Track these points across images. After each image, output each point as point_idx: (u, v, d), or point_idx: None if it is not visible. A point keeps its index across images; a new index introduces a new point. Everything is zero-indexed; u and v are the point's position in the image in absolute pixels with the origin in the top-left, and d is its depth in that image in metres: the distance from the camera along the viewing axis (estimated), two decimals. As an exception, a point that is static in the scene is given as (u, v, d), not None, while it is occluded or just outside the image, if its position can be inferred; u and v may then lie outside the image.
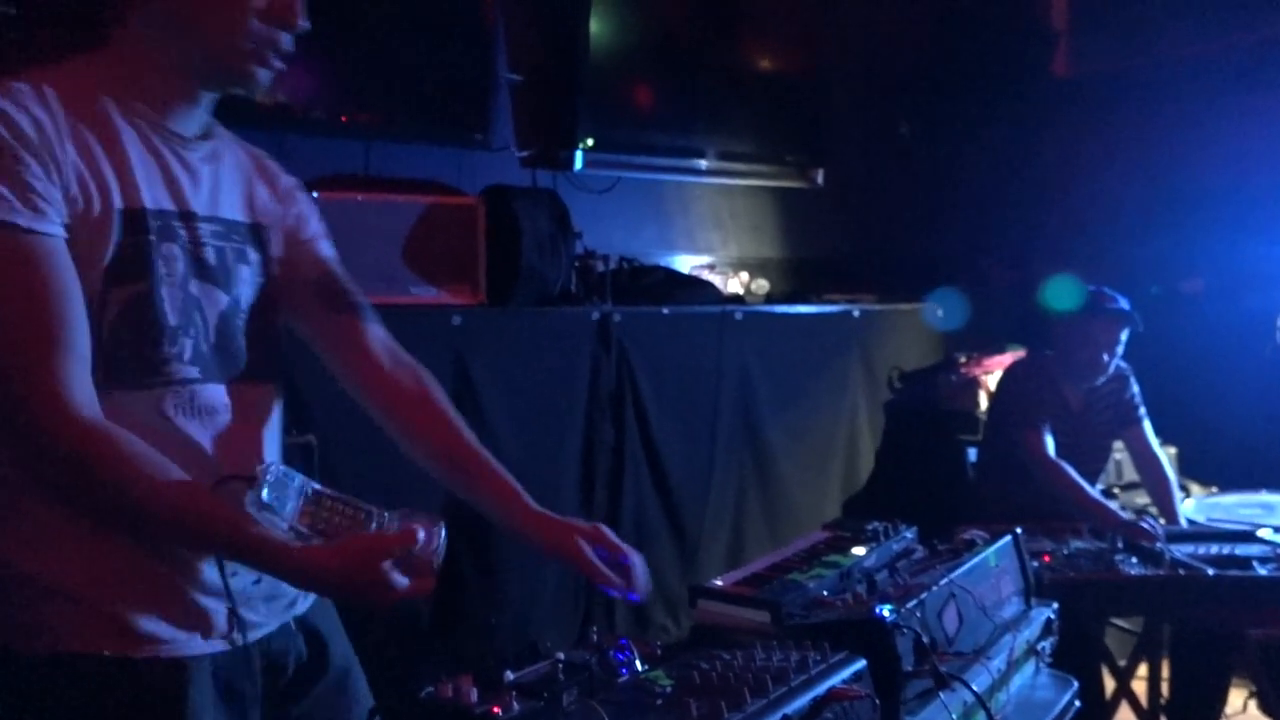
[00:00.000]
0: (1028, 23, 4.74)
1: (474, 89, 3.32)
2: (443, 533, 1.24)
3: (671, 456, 3.47)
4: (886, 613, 1.50)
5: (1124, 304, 3.07)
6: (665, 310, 3.48)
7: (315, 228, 1.50)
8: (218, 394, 1.29)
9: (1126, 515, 2.83)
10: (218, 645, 1.26)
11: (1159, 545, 2.53)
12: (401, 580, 1.17)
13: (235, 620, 1.26)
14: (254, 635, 1.30)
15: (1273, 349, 3.76)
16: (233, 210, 1.35)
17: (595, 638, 1.49)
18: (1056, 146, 4.60)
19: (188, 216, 1.28)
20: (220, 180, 1.34)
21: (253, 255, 1.37)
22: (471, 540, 2.99)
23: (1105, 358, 3.06)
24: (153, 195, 1.23)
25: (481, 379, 2.99)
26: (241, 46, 1.25)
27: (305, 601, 1.40)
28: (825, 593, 1.69)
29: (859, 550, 1.88)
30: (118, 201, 1.19)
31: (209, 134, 1.35)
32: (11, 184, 1.11)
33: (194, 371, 1.26)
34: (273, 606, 1.34)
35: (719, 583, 1.74)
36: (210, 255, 1.29)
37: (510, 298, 3.12)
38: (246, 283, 1.35)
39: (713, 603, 1.63)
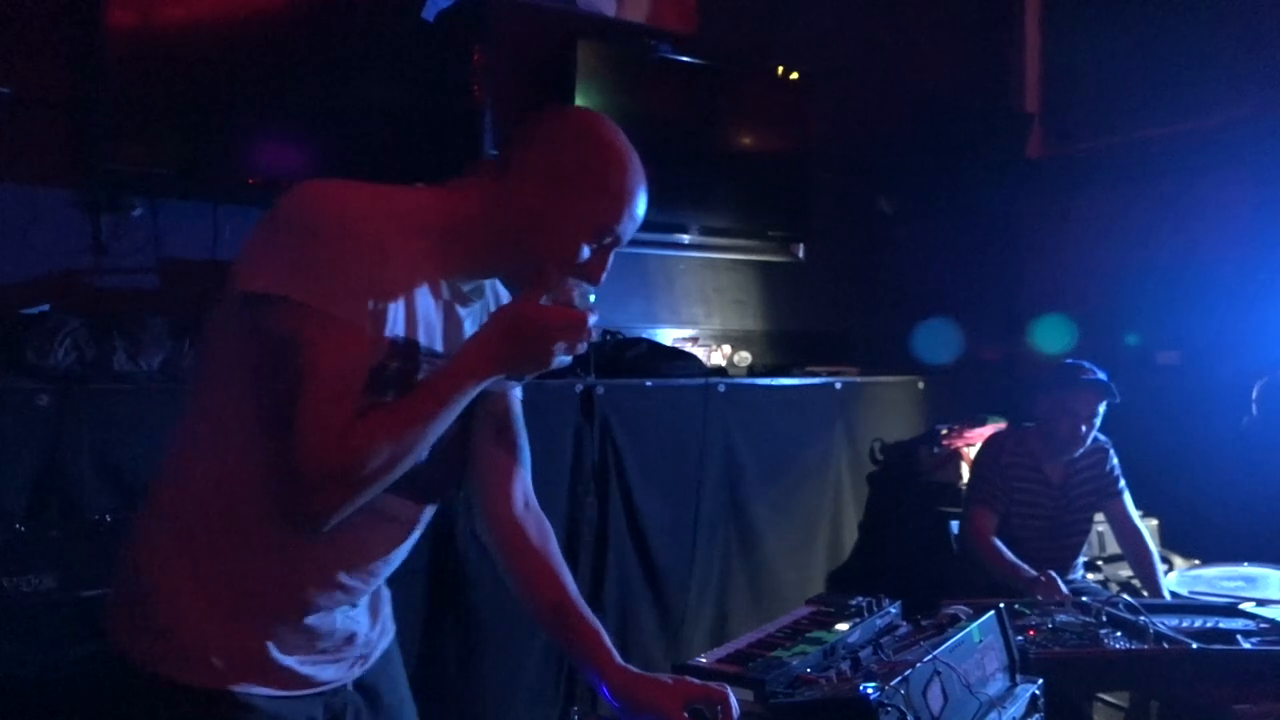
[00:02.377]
0: (1002, 106, 4.89)
1: (461, 165, 3.36)
2: (587, 289, 1.37)
3: (655, 530, 3.45)
4: (871, 691, 1.49)
5: (1101, 376, 3.10)
6: (649, 383, 3.50)
7: None
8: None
9: (1033, 573, 2.88)
10: (284, 692, 1.37)
11: (1141, 619, 2.52)
12: (561, 330, 1.29)
13: (303, 678, 1.39)
14: (318, 690, 1.41)
15: (1249, 420, 3.80)
16: None
17: (577, 718, 1.47)
18: (1031, 224, 4.71)
19: (430, 355, 1.39)
20: (468, 329, 1.46)
21: None
22: (455, 619, 2.96)
23: (1083, 429, 3.09)
24: (422, 337, 1.36)
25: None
26: (548, 276, 1.37)
27: (363, 666, 1.50)
28: (809, 670, 1.68)
29: (843, 626, 1.87)
30: (400, 329, 1.33)
31: (480, 295, 1.49)
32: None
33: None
34: (339, 668, 1.45)
35: (702, 660, 1.73)
36: None
37: (494, 371, 3.13)
38: None
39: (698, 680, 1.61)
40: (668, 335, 4.08)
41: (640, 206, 1.41)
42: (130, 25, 2.76)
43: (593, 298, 1.37)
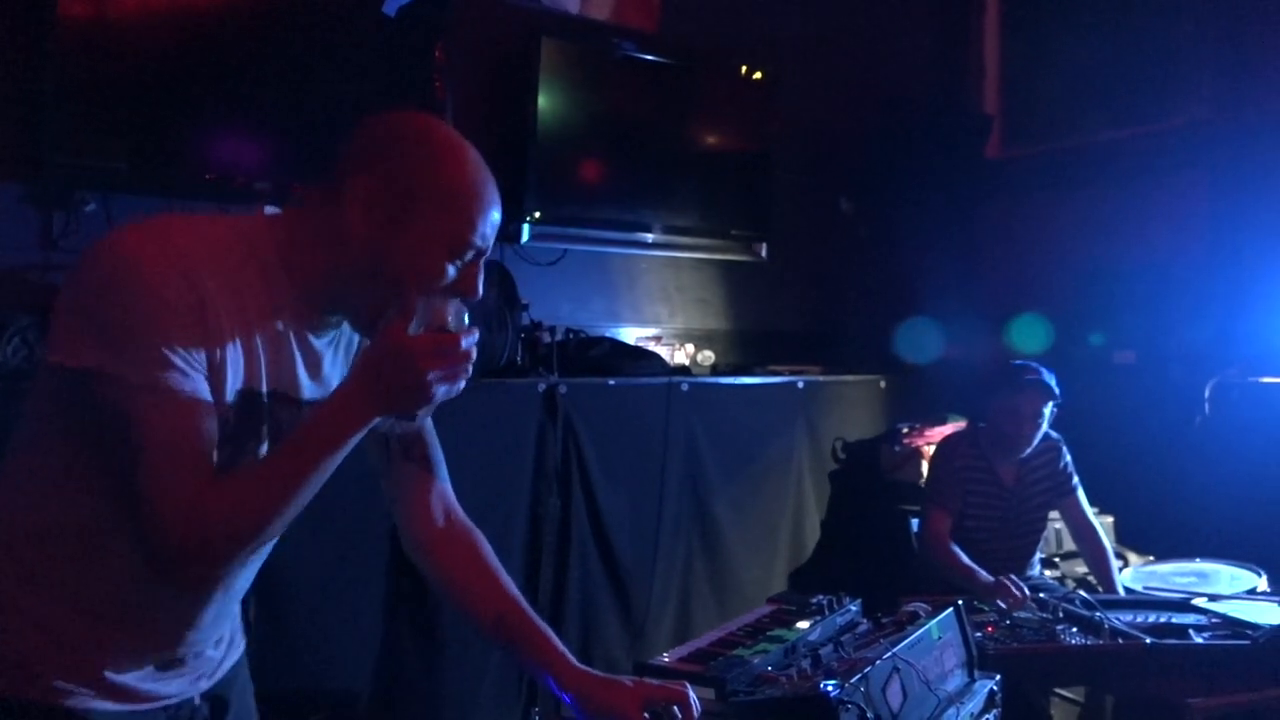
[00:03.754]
0: (962, 108, 4.94)
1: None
2: (461, 309, 1.25)
3: (618, 529, 3.44)
4: (831, 689, 1.49)
5: (1047, 378, 3.11)
6: (612, 382, 3.49)
7: None
8: None
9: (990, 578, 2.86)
10: (124, 706, 1.30)
11: (1097, 614, 2.55)
12: (431, 358, 1.18)
13: (144, 694, 1.32)
14: (161, 704, 1.35)
15: (1201, 419, 3.87)
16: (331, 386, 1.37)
17: (538, 718, 1.46)
18: (990, 224, 4.76)
19: (282, 398, 1.30)
20: (330, 367, 1.38)
21: None
22: (412, 620, 2.93)
23: (1029, 431, 3.11)
24: (267, 383, 1.28)
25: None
26: (410, 305, 1.23)
27: (210, 680, 1.43)
28: (770, 668, 1.68)
29: (804, 624, 1.88)
30: (239, 383, 1.24)
31: (332, 323, 1.36)
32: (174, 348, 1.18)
33: None
34: (183, 683, 1.38)
35: (665, 659, 1.73)
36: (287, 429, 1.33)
37: (456, 369, 3.11)
38: None
39: (657, 680, 1.61)
40: (630, 334, 4.08)
41: (494, 208, 1.29)
42: (81, 15, 2.70)
43: (466, 318, 1.25)
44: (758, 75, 4.28)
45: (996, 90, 4.94)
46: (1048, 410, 3.11)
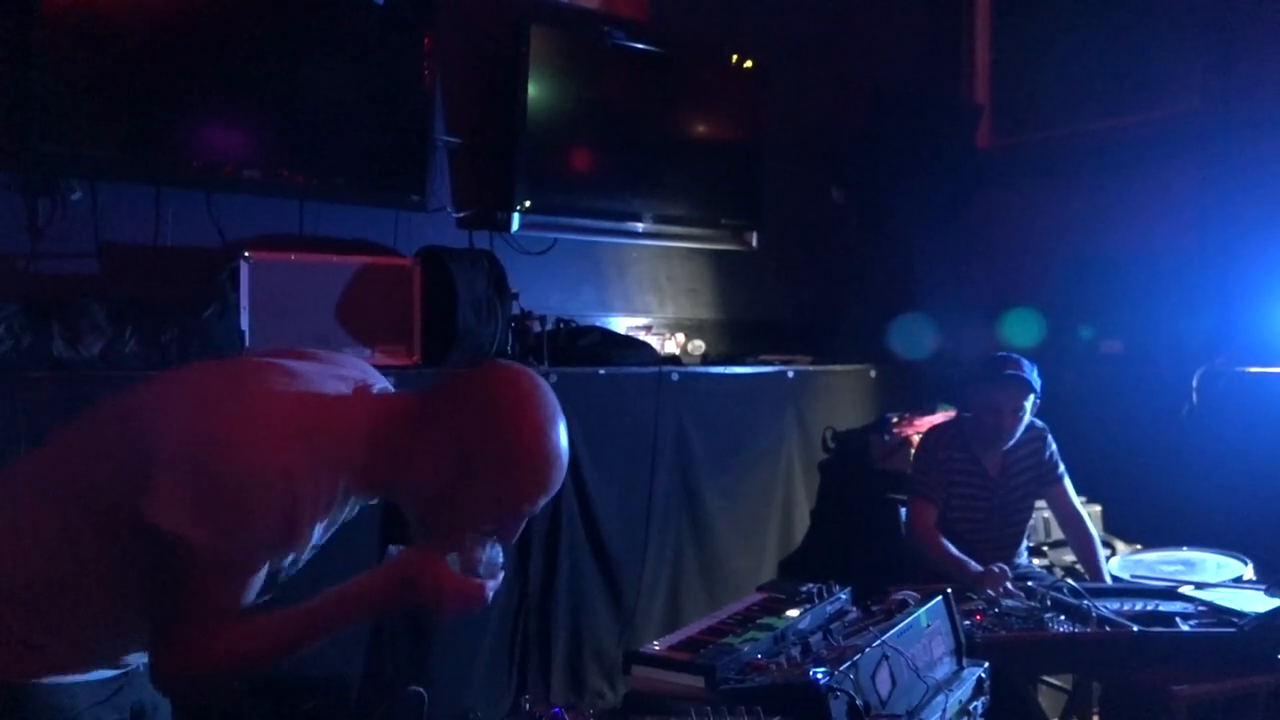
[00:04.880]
0: (953, 98, 4.93)
1: (411, 150, 3.33)
2: (496, 552, 1.41)
3: (608, 518, 3.45)
4: (820, 676, 1.50)
5: (1027, 372, 3.10)
6: (602, 371, 3.48)
7: None
8: None
9: (979, 568, 2.89)
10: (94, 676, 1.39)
11: (1085, 603, 2.57)
12: (458, 600, 1.36)
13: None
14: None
15: (1189, 408, 3.88)
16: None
17: (528, 706, 1.47)
18: (980, 214, 4.77)
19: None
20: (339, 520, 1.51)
21: None
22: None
23: (1009, 425, 3.10)
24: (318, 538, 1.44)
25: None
26: (456, 542, 1.41)
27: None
28: (760, 656, 1.69)
29: (793, 613, 1.88)
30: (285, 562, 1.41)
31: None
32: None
33: None
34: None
35: (655, 647, 1.73)
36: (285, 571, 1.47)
37: (446, 358, 3.11)
38: None
39: (647, 668, 1.62)
40: (621, 324, 4.08)
41: (558, 479, 1.43)
42: (68, 2, 2.67)
43: (500, 560, 1.40)
44: (749, 64, 4.27)
45: (987, 80, 4.94)
46: (1028, 404, 3.11)
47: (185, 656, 1.28)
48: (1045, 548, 3.61)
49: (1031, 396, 3.10)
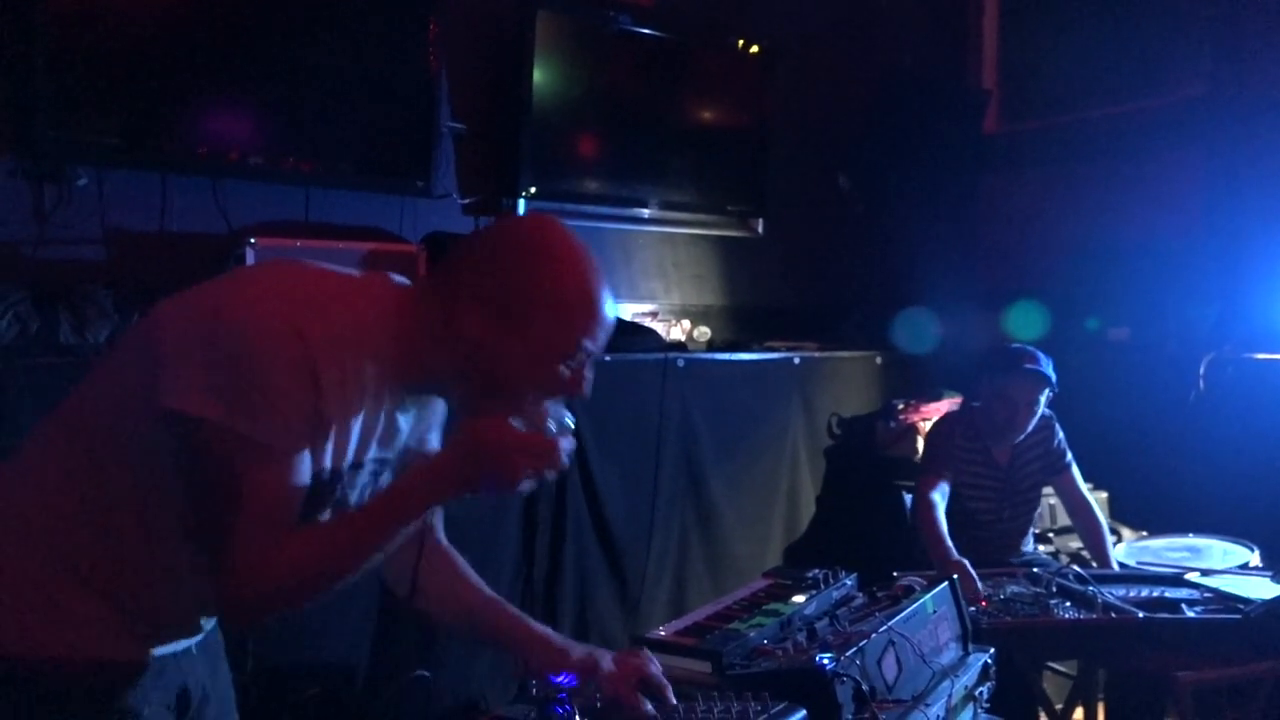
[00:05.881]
0: (960, 83, 4.91)
1: (416, 137, 3.33)
2: (561, 410, 1.30)
3: (613, 504, 3.45)
4: (826, 661, 1.50)
5: (1044, 366, 3.07)
6: (607, 358, 3.47)
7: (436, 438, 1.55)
8: None
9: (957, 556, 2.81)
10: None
11: (1090, 589, 2.56)
12: (529, 457, 1.24)
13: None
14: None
15: (1196, 395, 3.87)
16: (397, 447, 1.42)
17: (535, 692, 1.47)
18: (987, 200, 4.75)
19: (358, 465, 1.35)
20: (406, 432, 1.42)
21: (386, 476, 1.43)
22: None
23: (1023, 418, 3.08)
24: (350, 458, 1.32)
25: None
26: (520, 408, 1.30)
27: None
28: (766, 642, 1.69)
29: (799, 598, 1.88)
30: (328, 462, 1.29)
31: (417, 399, 1.41)
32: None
33: None
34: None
35: (661, 633, 1.74)
36: (354, 497, 1.38)
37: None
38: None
39: (654, 653, 1.62)
40: (626, 310, 4.07)
41: (608, 313, 1.34)
42: (72, -13, 2.67)
43: (570, 420, 1.30)
44: (755, 50, 4.25)
45: (994, 65, 4.92)
46: (1042, 398, 3.09)
47: (246, 577, 1.20)
48: (1051, 534, 3.62)
49: (1047, 390, 3.08)
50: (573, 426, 1.30)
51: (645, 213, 4.02)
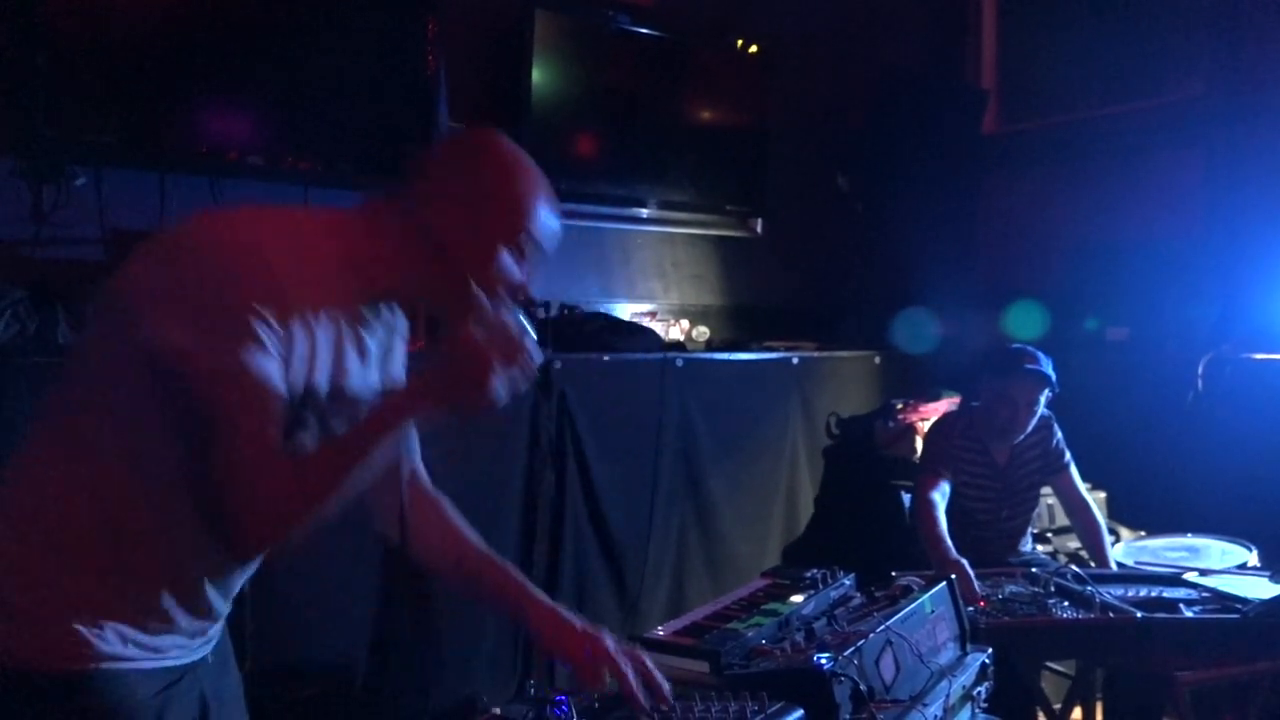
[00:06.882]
0: (959, 83, 4.91)
1: (415, 136, 3.33)
2: (517, 315, 1.35)
3: (612, 504, 3.45)
4: (824, 661, 1.50)
5: (1045, 366, 3.07)
6: (606, 357, 3.48)
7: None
8: None
9: (954, 556, 2.78)
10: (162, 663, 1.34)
11: (1088, 589, 2.57)
12: (499, 355, 1.28)
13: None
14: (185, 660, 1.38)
15: (1194, 395, 3.88)
16: (374, 381, 1.46)
17: (533, 691, 1.47)
18: (986, 200, 4.75)
19: (335, 392, 1.37)
20: (376, 355, 1.45)
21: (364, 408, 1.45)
22: (411, 592, 2.94)
23: (1023, 418, 3.08)
24: (325, 376, 1.35)
25: (419, 426, 2.96)
26: (472, 298, 1.35)
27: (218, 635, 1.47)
28: (764, 641, 1.69)
29: (797, 598, 1.88)
30: (299, 379, 1.31)
31: (383, 319, 1.46)
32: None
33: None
34: (200, 646, 1.42)
35: (659, 632, 1.73)
36: (338, 426, 1.40)
37: (450, 345, 3.10)
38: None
39: (652, 653, 1.62)
40: (625, 310, 4.07)
41: (551, 211, 1.42)
42: (70, -14, 2.67)
43: (526, 323, 1.35)
44: (754, 49, 4.25)
45: (993, 65, 4.92)
46: (1043, 398, 3.09)
47: (246, 497, 1.21)
48: (1049, 534, 3.62)
49: (1047, 390, 3.08)
50: (535, 337, 1.34)
51: (644, 212, 4.02)
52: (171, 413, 1.24)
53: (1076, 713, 2.98)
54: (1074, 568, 2.80)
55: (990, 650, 1.96)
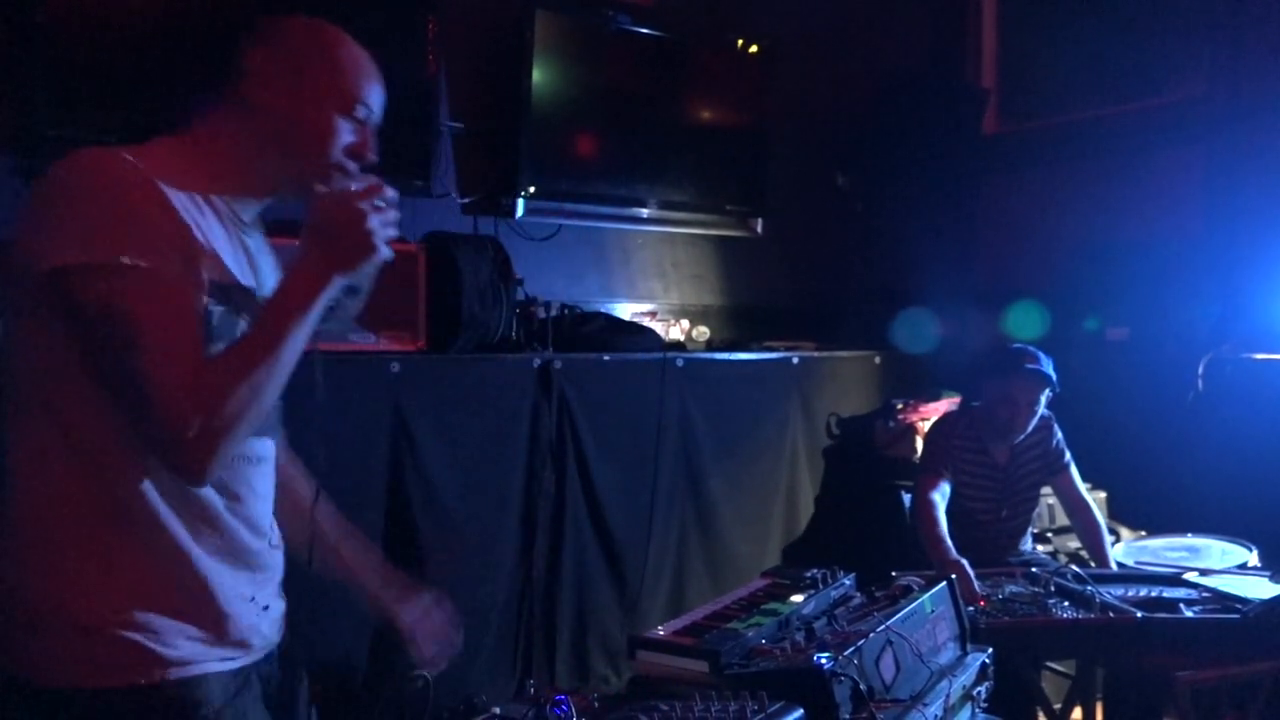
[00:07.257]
0: (959, 82, 4.91)
1: (415, 136, 3.32)
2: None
3: (613, 504, 3.45)
4: (824, 661, 1.50)
5: (1045, 366, 3.08)
6: (606, 357, 3.48)
7: None
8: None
9: (954, 556, 2.80)
10: (226, 665, 1.35)
11: (1088, 589, 2.57)
12: (364, 199, 1.34)
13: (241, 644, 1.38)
14: (255, 657, 1.41)
15: (1195, 395, 3.88)
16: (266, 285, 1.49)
17: (533, 691, 1.47)
18: (986, 200, 4.75)
19: (244, 293, 1.40)
20: (265, 269, 1.50)
21: None
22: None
23: (1023, 418, 3.09)
24: (239, 272, 1.40)
25: (421, 426, 2.96)
26: (321, 167, 1.43)
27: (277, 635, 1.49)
28: (764, 641, 1.69)
29: (798, 598, 1.88)
30: (208, 273, 1.32)
31: (257, 225, 1.51)
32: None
33: None
34: (270, 626, 1.45)
35: (659, 632, 1.74)
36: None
37: (450, 344, 3.11)
38: None
39: (652, 653, 1.63)
40: (625, 310, 4.07)
41: (377, 77, 1.50)
42: (71, -15, 2.67)
43: (389, 190, 1.40)
44: (754, 49, 4.25)
45: (994, 65, 4.92)
46: (1043, 398, 3.09)
47: (178, 406, 1.19)
48: (1049, 534, 3.62)
49: (1047, 390, 3.08)
50: (393, 193, 1.40)
51: (644, 212, 4.02)
52: (90, 360, 1.24)
53: (1076, 713, 2.98)
54: (1074, 568, 2.80)
55: (990, 650, 1.97)
